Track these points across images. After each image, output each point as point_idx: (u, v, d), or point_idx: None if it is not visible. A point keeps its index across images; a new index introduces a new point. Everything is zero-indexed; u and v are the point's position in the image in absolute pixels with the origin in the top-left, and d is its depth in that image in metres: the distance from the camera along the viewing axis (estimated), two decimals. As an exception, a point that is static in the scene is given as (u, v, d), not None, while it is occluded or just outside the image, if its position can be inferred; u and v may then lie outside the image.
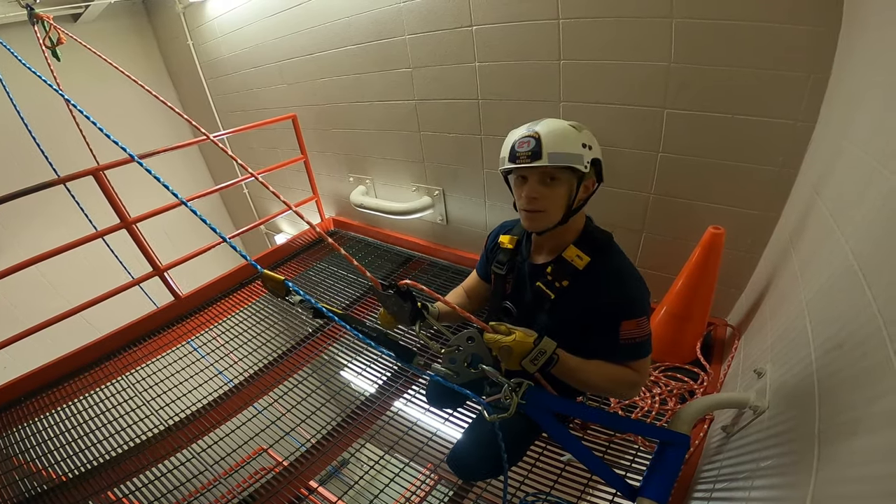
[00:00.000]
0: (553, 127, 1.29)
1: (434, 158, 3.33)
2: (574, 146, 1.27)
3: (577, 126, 1.30)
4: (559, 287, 1.37)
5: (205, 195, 3.37)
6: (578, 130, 1.29)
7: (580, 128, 1.30)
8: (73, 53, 2.74)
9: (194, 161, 6.14)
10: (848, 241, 1.10)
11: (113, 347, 3.03)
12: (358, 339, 1.35)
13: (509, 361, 1.25)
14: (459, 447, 1.73)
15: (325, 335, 3.02)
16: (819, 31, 1.66)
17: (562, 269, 1.37)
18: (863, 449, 0.73)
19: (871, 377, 0.79)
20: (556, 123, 1.30)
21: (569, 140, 1.27)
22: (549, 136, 1.27)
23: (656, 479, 1.32)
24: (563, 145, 1.26)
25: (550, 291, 1.38)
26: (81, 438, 2.43)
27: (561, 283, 1.37)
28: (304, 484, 2.29)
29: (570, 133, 1.28)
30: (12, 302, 4.34)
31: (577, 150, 1.26)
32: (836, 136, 1.52)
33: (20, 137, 3.07)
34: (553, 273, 1.38)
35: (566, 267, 1.36)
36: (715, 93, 1.97)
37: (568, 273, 1.36)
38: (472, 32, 2.60)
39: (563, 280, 1.36)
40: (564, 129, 1.28)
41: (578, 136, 1.28)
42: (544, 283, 1.39)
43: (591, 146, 1.29)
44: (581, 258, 1.35)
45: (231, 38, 4.29)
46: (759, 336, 1.79)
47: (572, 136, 1.27)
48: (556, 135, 1.27)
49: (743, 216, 2.13)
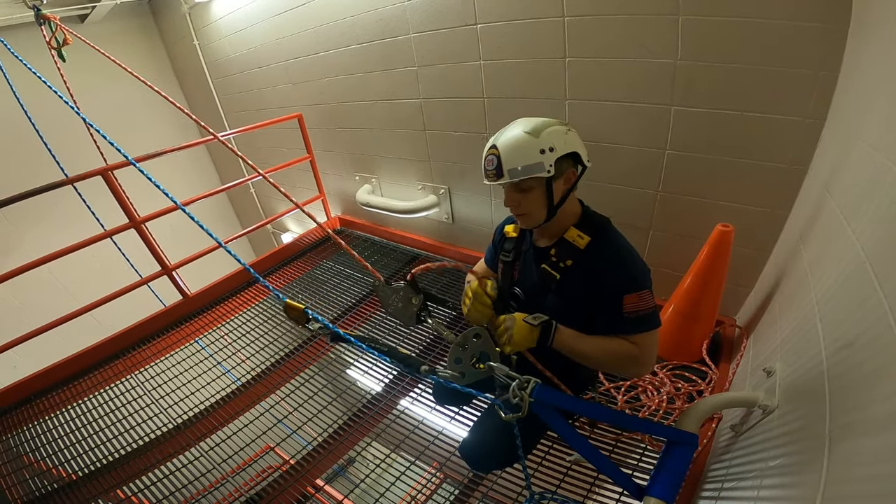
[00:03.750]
0: (509, 141, 1.33)
1: (440, 157, 3.32)
2: (530, 156, 1.30)
3: (534, 130, 1.31)
4: (563, 267, 1.42)
5: (211, 195, 3.39)
6: (536, 135, 1.30)
7: (539, 130, 1.31)
8: (81, 54, 2.76)
9: (202, 161, 6.19)
10: (859, 239, 1.08)
11: (122, 346, 3.05)
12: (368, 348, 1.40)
13: (515, 338, 1.34)
14: (470, 439, 1.78)
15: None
16: (828, 29, 1.64)
17: (565, 250, 1.42)
18: (875, 448, 0.72)
19: (882, 375, 0.78)
20: (512, 134, 1.33)
21: (524, 152, 1.30)
22: (505, 153, 1.32)
23: (664, 478, 1.31)
24: (518, 159, 1.31)
25: (555, 272, 1.43)
26: (91, 437, 2.45)
27: (565, 262, 1.41)
28: (311, 482, 2.30)
29: (525, 143, 1.30)
30: (23, 301, 4.38)
31: (535, 160, 1.29)
32: (846, 133, 1.50)
33: (29, 138, 3.09)
34: (557, 254, 1.43)
35: (568, 247, 1.41)
36: (723, 90, 1.95)
37: (571, 253, 1.41)
38: (476, 30, 2.59)
39: (567, 260, 1.41)
40: (518, 141, 1.31)
41: (535, 143, 1.30)
42: (549, 265, 1.45)
43: (554, 146, 1.30)
44: (582, 238, 1.40)
45: (237, 38, 4.30)
46: (768, 334, 1.78)
47: (528, 146, 1.30)
48: (511, 149, 1.31)
49: (752, 214, 2.11)
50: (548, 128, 1.32)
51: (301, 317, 1.47)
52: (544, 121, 1.35)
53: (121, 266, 3.66)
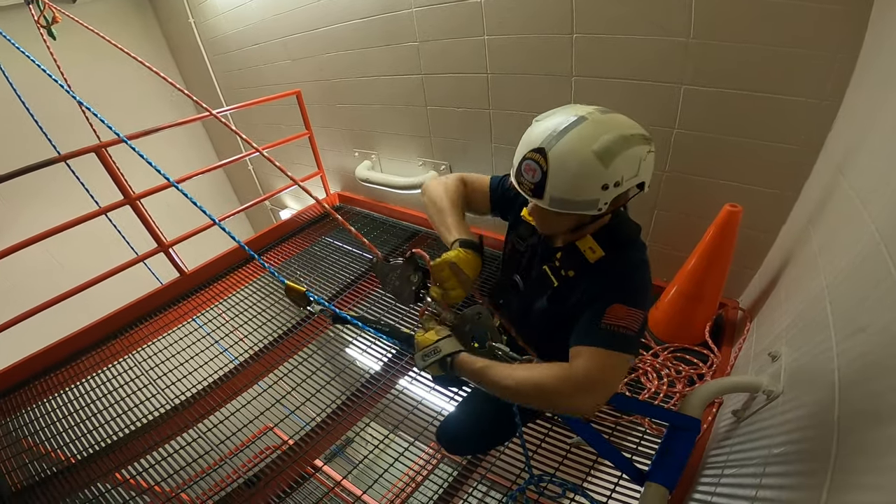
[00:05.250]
0: (569, 159, 1.01)
1: (441, 133, 3.27)
2: (588, 191, 1.02)
3: (607, 152, 0.99)
4: (564, 276, 1.25)
5: (208, 171, 3.33)
6: (606, 163, 0.99)
7: (614, 154, 1.00)
8: (74, 34, 2.69)
9: (199, 139, 6.11)
10: (875, 222, 1.04)
11: (119, 326, 3.03)
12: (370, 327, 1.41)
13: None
14: (450, 421, 1.74)
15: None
16: (849, 11, 1.57)
17: (571, 258, 1.23)
18: (890, 437, 0.69)
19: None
20: (577, 150, 1.01)
21: (582, 185, 1.02)
22: (557, 175, 1.03)
23: (665, 463, 1.30)
24: (571, 191, 1.04)
25: (555, 278, 1.27)
26: (90, 419, 2.44)
27: (567, 272, 1.24)
28: (310, 462, 2.30)
29: (588, 173, 1.01)
30: (17, 281, 4.35)
31: (592, 196, 1.03)
32: (864, 116, 1.45)
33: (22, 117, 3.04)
34: (561, 260, 1.25)
35: (577, 257, 1.22)
36: (735, 69, 1.89)
37: (577, 263, 1.23)
38: (480, 5, 2.50)
39: (570, 270, 1.24)
40: (581, 168, 1.01)
41: (601, 175, 1.00)
42: (551, 269, 1.28)
43: (621, 181, 1.02)
44: (594, 251, 1.19)
45: (234, 15, 4.18)
46: (773, 318, 1.75)
47: (590, 177, 1.01)
48: (568, 175, 1.02)
49: (760, 195, 2.06)
50: (626, 150, 1.01)
51: (302, 299, 1.46)
52: (622, 135, 1.02)
53: (118, 244, 3.63)
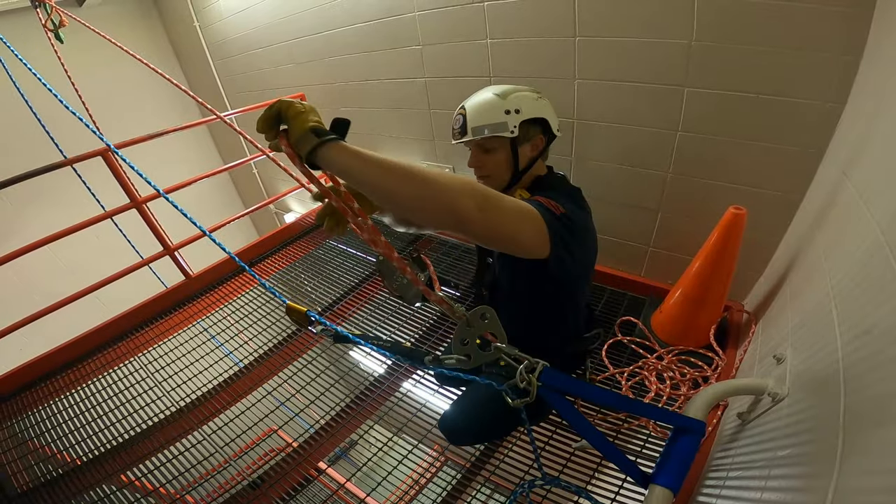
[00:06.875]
0: (477, 100, 1.36)
1: (445, 136, 3.27)
2: (495, 115, 1.32)
3: (503, 93, 1.34)
4: None
5: (212, 175, 3.36)
6: (503, 98, 1.33)
7: (508, 94, 1.34)
8: (81, 37, 2.72)
9: (204, 143, 6.14)
10: (879, 223, 1.04)
11: (124, 328, 3.04)
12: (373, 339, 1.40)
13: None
14: (450, 412, 1.79)
15: (334, 314, 3.01)
16: (850, 14, 1.57)
17: None
18: (893, 440, 0.69)
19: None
20: (481, 96, 1.36)
21: (489, 111, 1.33)
22: (471, 111, 1.35)
23: (669, 466, 1.28)
24: (482, 118, 1.33)
25: None
26: (95, 421, 2.45)
27: None
28: (314, 465, 2.30)
29: (492, 103, 1.33)
30: (26, 284, 4.38)
31: (499, 119, 1.31)
32: (868, 117, 1.45)
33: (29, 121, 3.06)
34: None
35: None
36: (739, 71, 1.89)
37: None
38: (483, 8, 2.52)
39: None
40: (485, 101, 1.34)
41: (502, 104, 1.32)
42: None
43: (520, 109, 1.32)
44: (522, 196, 1.37)
45: (238, 19, 4.23)
46: (778, 320, 1.74)
47: (494, 106, 1.32)
48: (477, 108, 1.34)
49: (764, 197, 2.06)
50: (517, 92, 1.36)
51: (303, 319, 1.46)
52: (515, 87, 1.38)
53: (124, 247, 3.66)
